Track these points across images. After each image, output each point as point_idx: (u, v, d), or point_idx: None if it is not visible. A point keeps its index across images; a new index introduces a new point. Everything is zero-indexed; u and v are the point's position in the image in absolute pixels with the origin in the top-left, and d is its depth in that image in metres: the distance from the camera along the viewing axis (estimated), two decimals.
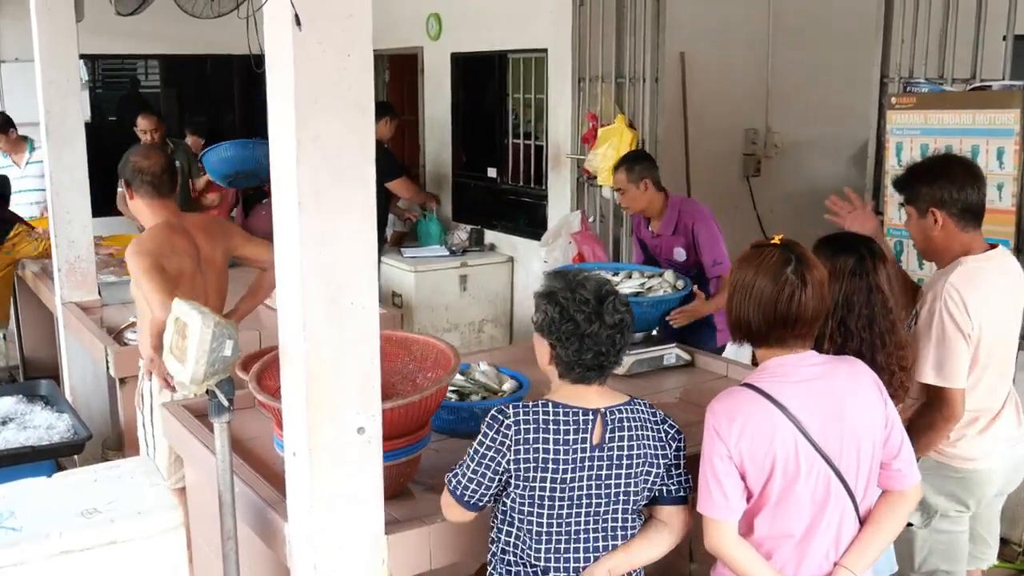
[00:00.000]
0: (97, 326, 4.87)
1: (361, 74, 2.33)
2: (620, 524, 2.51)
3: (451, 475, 2.52)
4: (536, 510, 2.44)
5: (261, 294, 4.25)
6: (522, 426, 2.40)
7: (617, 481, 2.46)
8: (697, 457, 2.51)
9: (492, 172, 7.51)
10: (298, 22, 2.21)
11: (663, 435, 2.52)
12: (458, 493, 2.49)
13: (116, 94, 10.18)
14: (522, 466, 2.40)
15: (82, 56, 5.37)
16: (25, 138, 7.59)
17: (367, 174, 2.38)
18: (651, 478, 2.51)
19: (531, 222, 7.10)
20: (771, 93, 7.01)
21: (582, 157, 6.41)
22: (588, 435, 2.43)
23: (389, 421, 2.60)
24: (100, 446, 4.90)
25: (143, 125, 7.22)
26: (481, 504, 2.49)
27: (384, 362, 2.58)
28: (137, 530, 2.47)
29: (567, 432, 2.41)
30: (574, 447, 2.41)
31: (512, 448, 2.39)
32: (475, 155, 7.76)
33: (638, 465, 2.47)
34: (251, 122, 9.40)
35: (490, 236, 7.43)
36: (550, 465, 2.39)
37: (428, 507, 2.80)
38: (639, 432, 2.48)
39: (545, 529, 2.45)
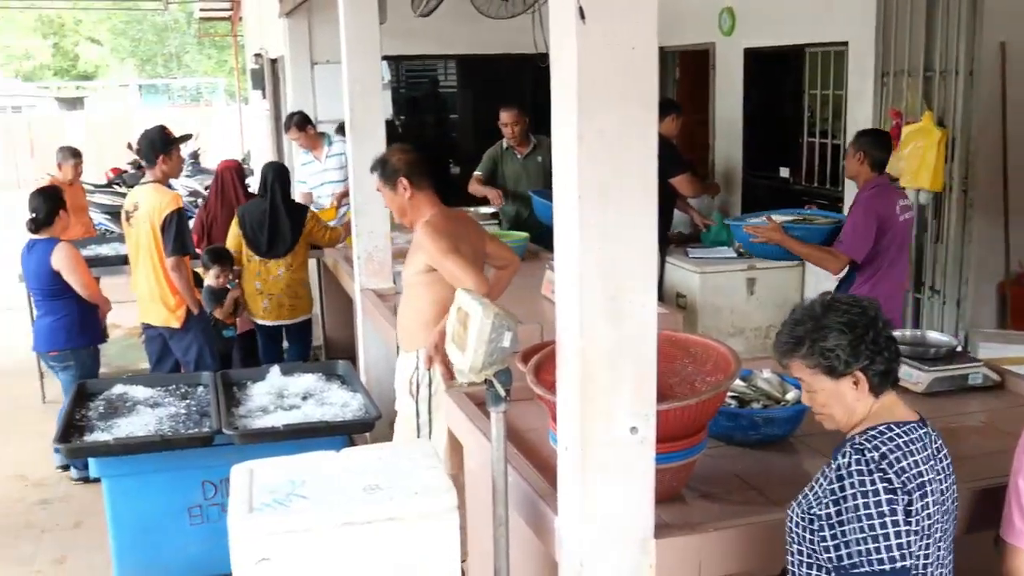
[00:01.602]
0: (391, 313, 5.10)
1: (645, 67, 2.29)
2: (952, 546, 2.33)
3: (853, 566, 2.16)
4: (923, 541, 2.19)
5: (495, 292, 4.27)
6: (890, 456, 2.18)
7: (953, 496, 2.32)
8: (1003, 488, 2.29)
9: (784, 171, 7.25)
10: (582, 15, 2.19)
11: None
12: (895, 568, 2.13)
13: (417, 94, 10.71)
14: (911, 496, 2.16)
15: (385, 57, 5.64)
16: (323, 134, 8.13)
17: (649, 169, 2.34)
18: None
19: None
20: None
21: None
22: (932, 449, 2.27)
23: (664, 423, 2.54)
24: (389, 426, 5.13)
25: (504, 118, 7.18)
26: (909, 565, 2.15)
27: (662, 362, 2.53)
28: (414, 509, 2.55)
29: (922, 449, 2.24)
30: (931, 464, 2.24)
31: (899, 480, 2.15)
32: (767, 154, 7.53)
33: (954, 481, 2.33)
34: (543, 122, 9.56)
35: None
36: (927, 487, 2.20)
37: (700, 514, 2.73)
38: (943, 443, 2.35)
39: (924, 561, 2.21)
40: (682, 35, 7.97)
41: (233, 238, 6.38)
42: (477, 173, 7.42)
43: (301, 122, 7.86)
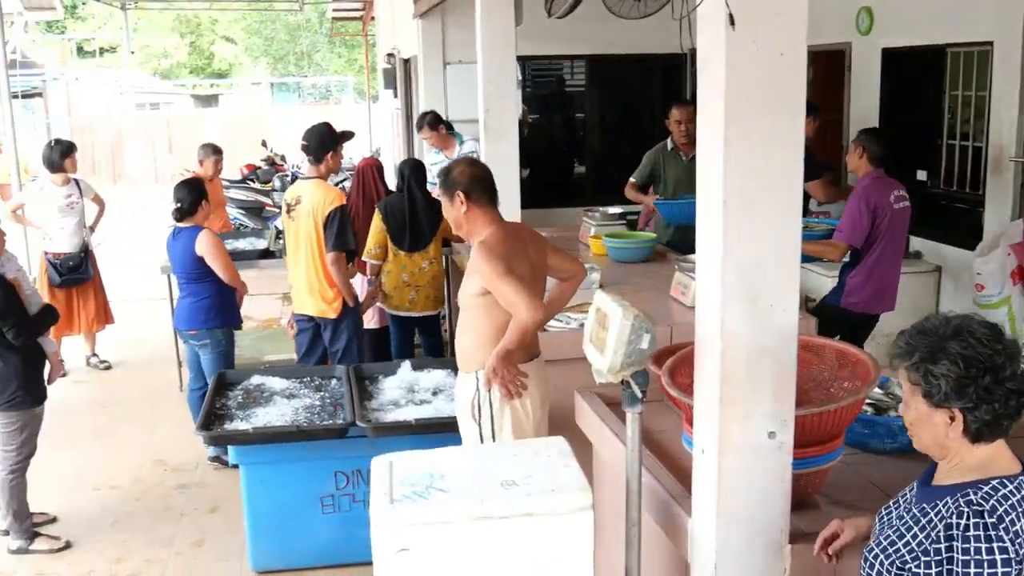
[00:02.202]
0: None
1: (793, 73, 2.29)
2: None
3: None
4: None
5: (557, 306, 4.23)
6: (1007, 519, 1.97)
7: None
8: None
9: (921, 175, 7.06)
10: (732, 21, 2.20)
11: None
12: None
13: (544, 92, 10.76)
14: (1022, 564, 1.96)
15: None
16: (454, 133, 8.21)
17: (795, 175, 2.34)
18: None
19: (963, 230, 6.59)
20: None
21: None
22: None
23: (801, 428, 2.53)
24: None
25: (676, 115, 6.79)
26: None
27: (798, 367, 2.51)
28: (550, 505, 2.59)
29: None
30: None
31: (1014, 547, 1.95)
32: (903, 156, 7.32)
33: None
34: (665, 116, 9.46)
35: (915, 243, 6.99)
36: None
37: None
38: None
39: None
40: (817, 35, 7.75)
41: (377, 232, 6.52)
42: (632, 180, 6.99)
43: (433, 121, 7.96)
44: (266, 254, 7.65)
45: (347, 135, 6.06)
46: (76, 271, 7.88)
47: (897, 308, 6.74)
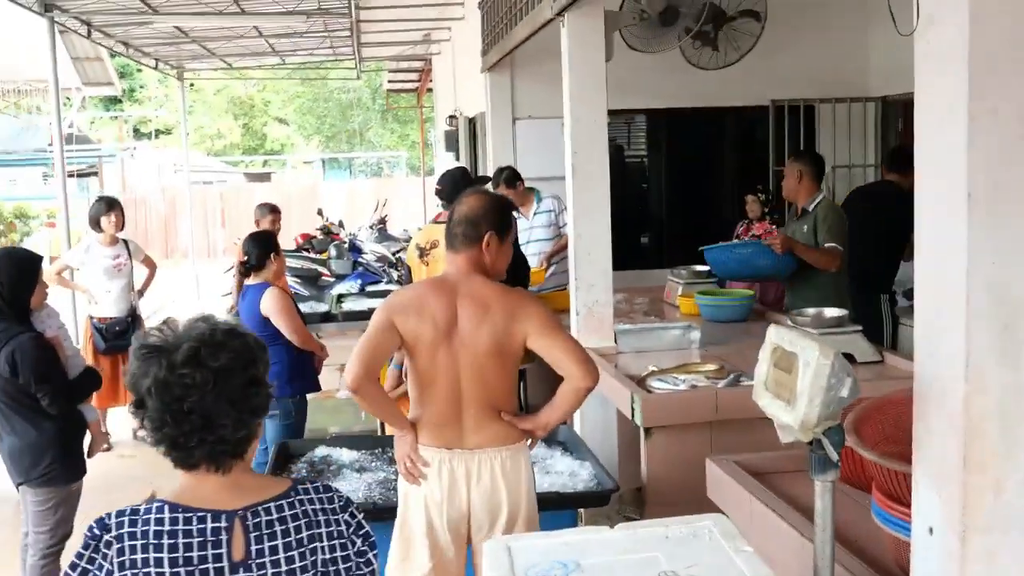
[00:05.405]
0: (615, 370, 4.59)
1: None
2: None
3: None
4: None
5: (561, 410, 3.21)
6: (126, 543, 1.79)
7: None
8: None
9: None
10: None
11: (344, 528, 1.92)
12: None
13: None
14: None
15: None
16: (532, 190, 7.73)
17: None
18: None
19: None
20: None
21: None
22: (224, 550, 1.81)
23: None
24: (617, 501, 4.59)
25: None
26: None
27: None
28: None
29: (189, 548, 1.80)
30: (202, 568, 1.78)
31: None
32: None
33: None
34: (741, 173, 8.99)
35: None
36: None
37: None
38: (306, 535, 1.86)
39: None
40: None
41: None
42: None
43: (511, 179, 7.43)
44: (327, 317, 7.21)
45: (483, 179, 5.69)
46: (122, 337, 7.39)
47: None
